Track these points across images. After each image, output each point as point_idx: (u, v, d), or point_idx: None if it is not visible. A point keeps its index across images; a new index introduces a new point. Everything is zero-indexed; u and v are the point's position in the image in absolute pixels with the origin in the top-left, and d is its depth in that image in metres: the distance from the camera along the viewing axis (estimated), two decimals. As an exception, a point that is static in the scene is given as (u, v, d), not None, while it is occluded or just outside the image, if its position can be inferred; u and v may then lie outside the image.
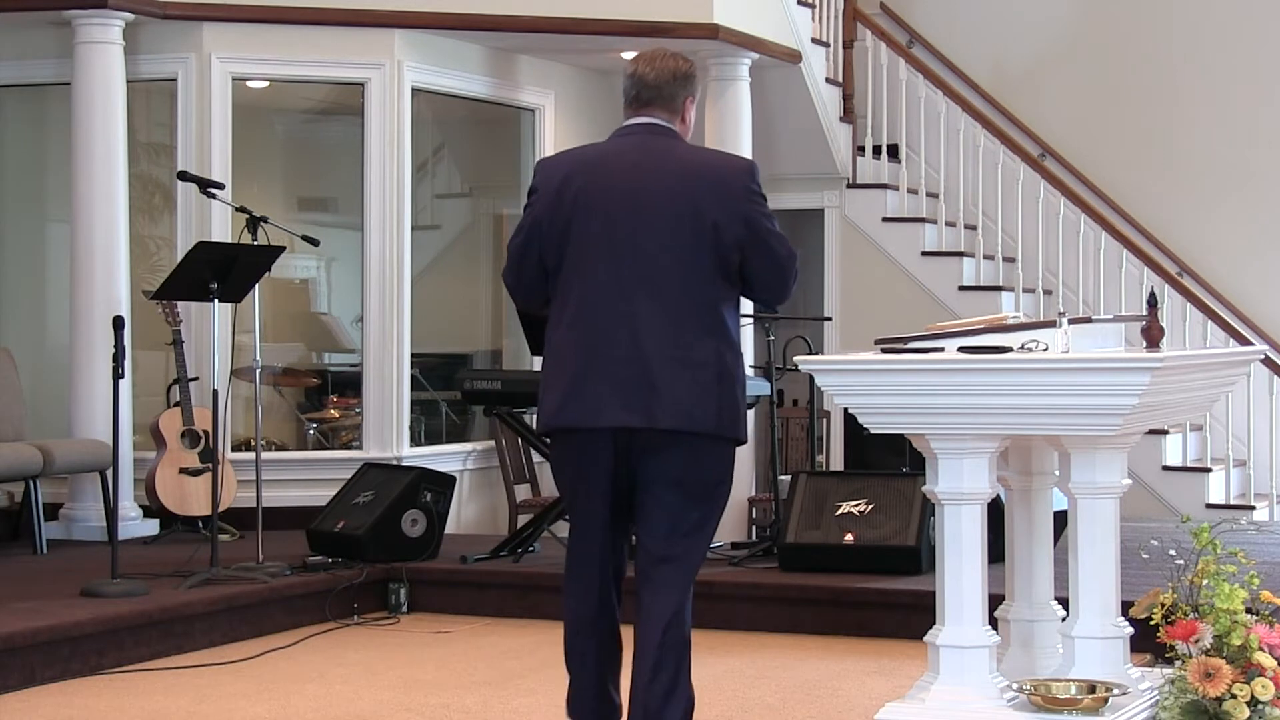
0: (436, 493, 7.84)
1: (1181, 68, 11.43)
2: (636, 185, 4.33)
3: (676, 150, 4.41)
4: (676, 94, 4.48)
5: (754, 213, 4.32)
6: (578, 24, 9.60)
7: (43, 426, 8.97)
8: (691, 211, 4.29)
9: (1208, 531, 4.65)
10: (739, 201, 4.32)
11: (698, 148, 4.52)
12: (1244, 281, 11.20)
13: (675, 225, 4.29)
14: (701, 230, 4.29)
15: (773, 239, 4.34)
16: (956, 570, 4.55)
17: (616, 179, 4.35)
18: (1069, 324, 4.52)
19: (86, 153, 8.63)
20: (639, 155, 4.38)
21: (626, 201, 4.32)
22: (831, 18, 11.59)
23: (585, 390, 4.30)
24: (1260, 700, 4.44)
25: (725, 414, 4.32)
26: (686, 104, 4.50)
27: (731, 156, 4.59)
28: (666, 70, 4.47)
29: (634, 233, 4.30)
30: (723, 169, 4.39)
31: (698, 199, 4.30)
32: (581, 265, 4.34)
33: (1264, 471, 10.51)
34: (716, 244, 4.30)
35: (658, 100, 4.45)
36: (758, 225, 4.32)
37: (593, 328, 4.32)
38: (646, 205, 4.31)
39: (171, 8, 8.91)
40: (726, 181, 4.34)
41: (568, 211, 4.35)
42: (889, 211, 11.40)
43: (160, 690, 5.91)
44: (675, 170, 4.35)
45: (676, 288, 4.29)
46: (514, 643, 6.84)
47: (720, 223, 4.29)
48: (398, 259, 9.42)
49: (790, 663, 6.33)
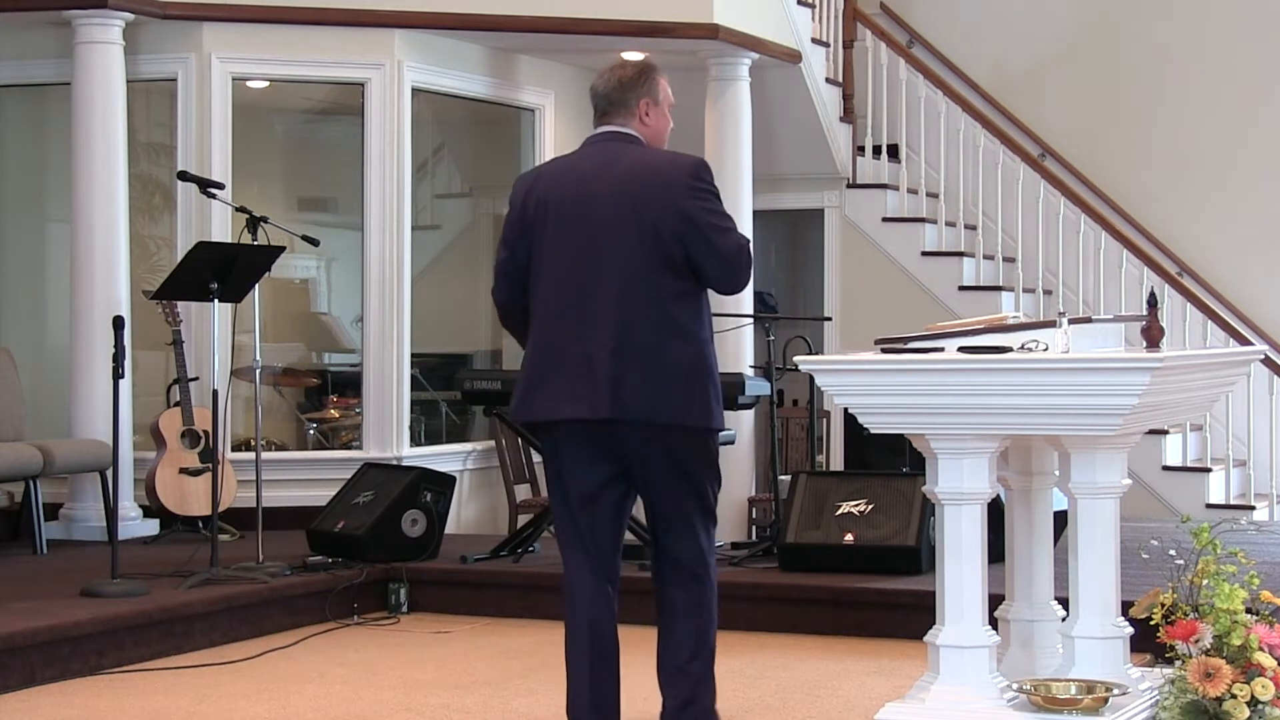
0: (436, 493, 7.84)
1: (1181, 68, 11.43)
2: (587, 191, 4.61)
3: (627, 154, 4.66)
4: (628, 99, 4.72)
5: (694, 208, 4.53)
6: (578, 24, 9.60)
7: (43, 426, 8.97)
8: (634, 211, 4.55)
9: (1208, 531, 4.65)
10: (678, 197, 4.54)
11: (649, 150, 4.71)
12: (1244, 281, 11.20)
13: (620, 226, 4.55)
14: (644, 228, 4.53)
15: (713, 233, 4.54)
16: (956, 570, 4.55)
17: (569, 188, 4.65)
18: (1069, 324, 4.52)
19: (86, 153, 8.63)
20: (592, 164, 4.68)
21: (578, 207, 4.60)
22: (831, 18, 11.59)
23: (544, 385, 4.63)
24: (1260, 700, 4.44)
25: (675, 402, 4.53)
26: (642, 105, 4.72)
27: (678, 156, 4.71)
28: (614, 79, 4.74)
29: (585, 236, 4.58)
30: (664, 167, 4.61)
31: (639, 198, 4.56)
32: (543, 271, 4.65)
33: (1264, 471, 10.51)
34: (657, 239, 4.53)
35: (611, 109, 4.74)
36: (697, 219, 4.53)
37: (551, 327, 4.64)
38: (595, 209, 4.58)
39: (171, 8, 8.91)
40: (667, 179, 4.56)
41: (530, 223, 4.67)
42: (889, 211, 11.40)
43: (160, 690, 5.91)
44: (621, 174, 4.60)
45: (625, 284, 4.54)
46: (514, 643, 6.84)
47: (660, 219, 4.53)
48: (398, 259, 9.42)
49: (790, 663, 6.33)
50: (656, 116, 4.75)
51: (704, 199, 4.57)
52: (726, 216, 4.61)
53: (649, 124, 4.74)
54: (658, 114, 4.76)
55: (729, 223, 4.60)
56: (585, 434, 4.60)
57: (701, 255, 4.55)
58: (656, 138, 4.75)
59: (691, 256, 4.55)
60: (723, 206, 4.63)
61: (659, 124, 4.76)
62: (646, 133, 4.73)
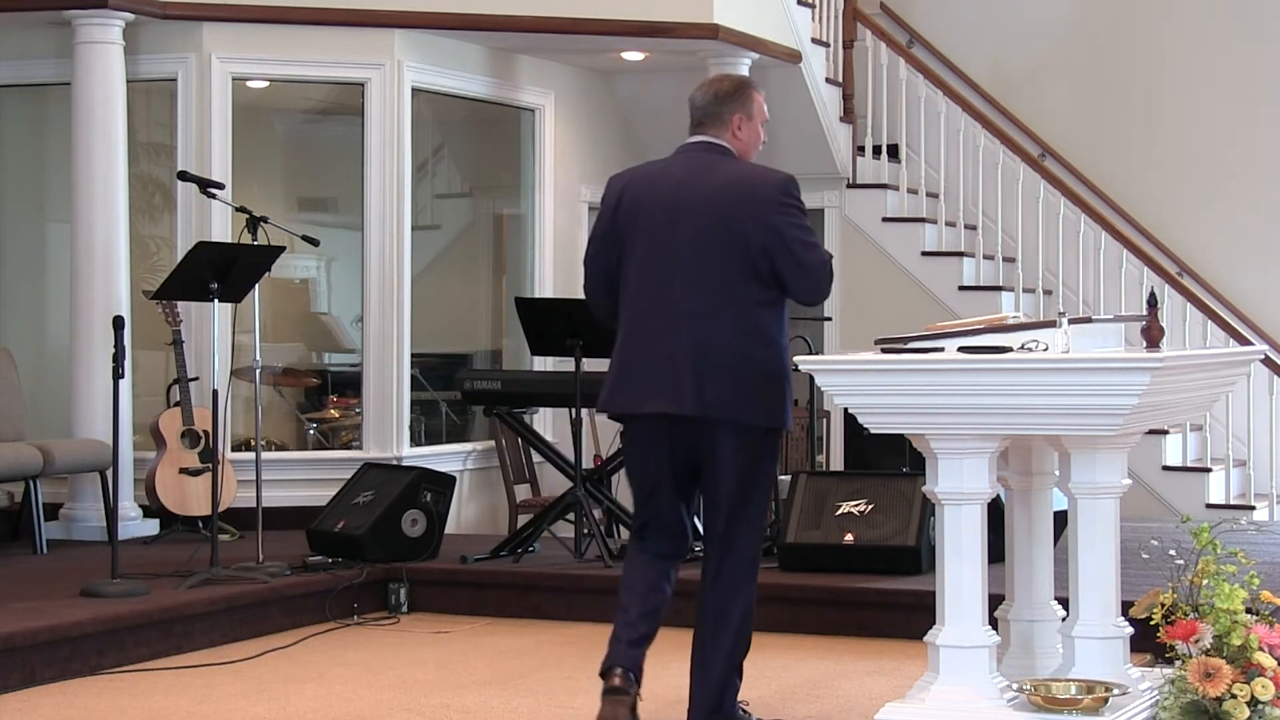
0: (436, 493, 7.84)
1: (1181, 68, 11.43)
2: (680, 199, 4.86)
3: (720, 166, 4.91)
4: (722, 112, 4.99)
5: (782, 223, 4.78)
6: (578, 24, 9.60)
7: (43, 426, 8.96)
8: (723, 221, 4.80)
9: (1208, 531, 4.65)
10: (768, 212, 4.79)
11: (741, 163, 4.97)
12: (1244, 281, 11.20)
13: (710, 235, 4.80)
14: (732, 238, 4.78)
15: (798, 247, 4.78)
16: (956, 570, 4.55)
17: (663, 194, 4.90)
18: (1069, 324, 4.53)
19: (86, 153, 8.63)
20: (684, 172, 4.92)
21: (670, 213, 4.86)
22: (831, 18, 11.58)
23: (630, 381, 4.91)
24: (1260, 700, 4.44)
25: (754, 403, 4.76)
26: (735, 119, 5.00)
27: (769, 171, 4.97)
28: (710, 92, 5.03)
29: (674, 242, 4.84)
30: (755, 182, 4.87)
31: (730, 210, 4.81)
32: (632, 271, 4.92)
33: (1264, 471, 10.51)
34: (746, 250, 4.77)
35: (706, 120, 4.99)
36: (784, 234, 4.78)
37: (639, 326, 4.91)
38: (685, 217, 4.83)
39: (171, 8, 8.91)
40: (757, 193, 4.82)
41: (621, 224, 4.96)
42: (889, 211, 11.39)
43: (160, 690, 5.91)
44: (714, 184, 4.86)
45: (712, 290, 4.79)
46: (514, 643, 6.84)
47: (749, 230, 4.78)
48: (398, 259, 9.42)
49: (790, 663, 6.33)
50: (749, 131, 5.02)
51: (791, 214, 4.81)
52: (811, 232, 4.86)
53: (740, 137, 5.00)
54: (750, 128, 5.02)
55: (814, 238, 4.86)
56: (666, 428, 4.86)
57: (787, 268, 4.78)
58: (747, 150, 5.02)
59: (777, 268, 4.79)
60: (808, 222, 4.87)
61: (750, 137, 5.02)
62: (738, 145, 4.99)
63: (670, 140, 5.06)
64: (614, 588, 7.32)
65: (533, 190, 10.62)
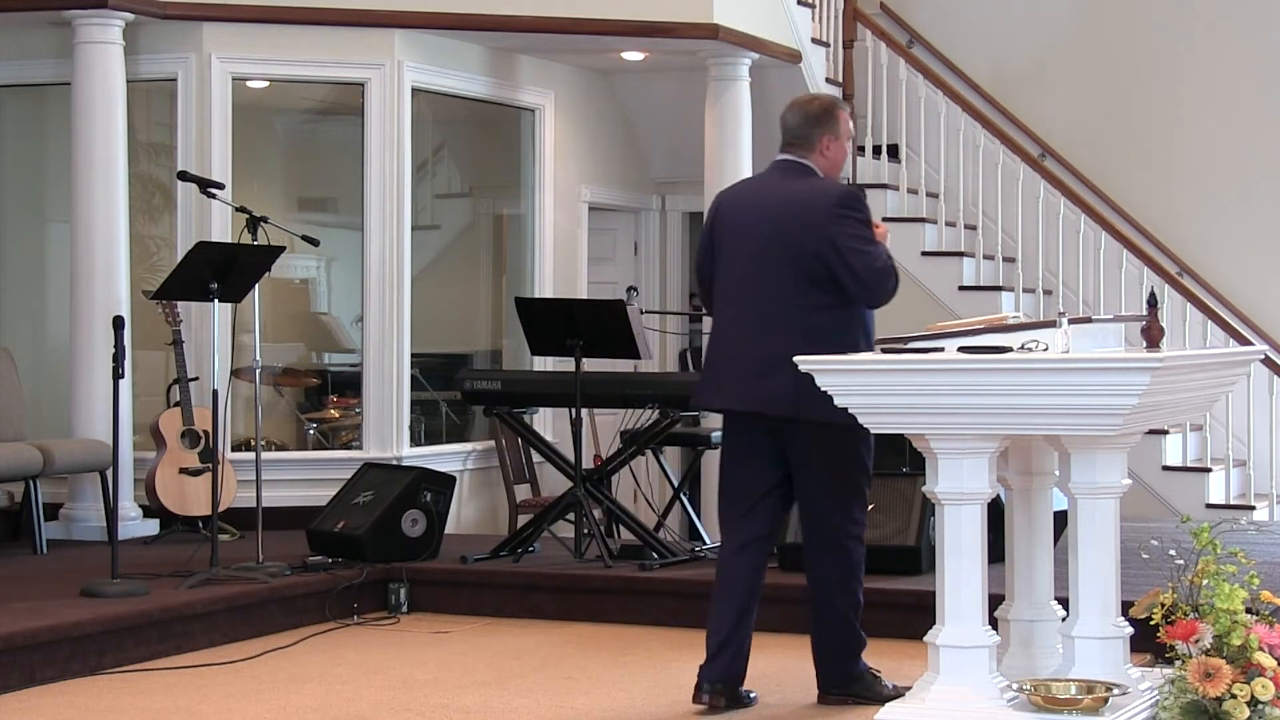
0: (436, 493, 7.84)
1: (1181, 68, 11.43)
2: (754, 214, 5.36)
3: (792, 182, 5.35)
4: (810, 134, 5.39)
5: (836, 232, 5.19)
6: (578, 24, 9.60)
7: (43, 426, 8.96)
8: (786, 232, 5.24)
9: (1208, 531, 4.65)
10: (824, 223, 5.20)
11: (810, 179, 5.36)
12: (1244, 281, 11.20)
13: (775, 246, 5.26)
14: (793, 248, 5.23)
15: (851, 255, 5.18)
16: (956, 570, 4.55)
17: (742, 209, 5.42)
18: (1069, 324, 4.53)
19: (86, 153, 8.63)
20: (761, 189, 5.46)
21: (745, 227, 5.36)
22: (831, 18, 11.59)
23: (712, 380, 5.47)
24: (1260, 700, 4.44)
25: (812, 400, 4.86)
26: (823, 141, 5.39)
27: (831, 185, 5.36)
28: (800, 114, 5.43)
29: (747, 253, 5.33)
30: (816, 196, 5.27)
31: (791, 221, 5.25)
32: (719, 279, 5.48)
33: (1264, 471, 10.50)
34: (805, 259, 5.21)
35: (795, 140, 5.41)
36: (838, 243, 5.19)
37: (721, 329, 5.47)
38: (756, 230, 5.32)
39: (171, 8, 8.91)
40: (816, 206, 5.23)
41: (714, 236, 5.50)
42: (889, 211, 11.38)
43: (160, 690, 5.91)
44: (782, 199, 5.31)
45: (774, 297, 5.26)
46: (514, 643, 6.84)
47: (806, 241, 5.21)
48: (398, 259, 9.42)
49: (790, 663, 6.32)
50: (836, 150, 5.40)
51: (846, 224, 5.20)
52: (868, 240, 5.22)
53: (827, 156, 5.39)
54: (837, 147, 5.41)
55: (869, 245, 5.21)
56: (746, 424, 5.37)
57: (843, 275, 5.20)
58: (832, 168, 5.41)
59: (835, 275, 5.20)
60: (867, 230, 5.23)
61: (837, 156, 5.42)
62: (824, 164, 5.39)
63: (670, 140, 5.16)
64: (614, 588, 7.38)
65: (533, 190, 10.63)
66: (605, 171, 11.28)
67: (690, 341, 11.63)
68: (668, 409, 7.85)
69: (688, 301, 11.91)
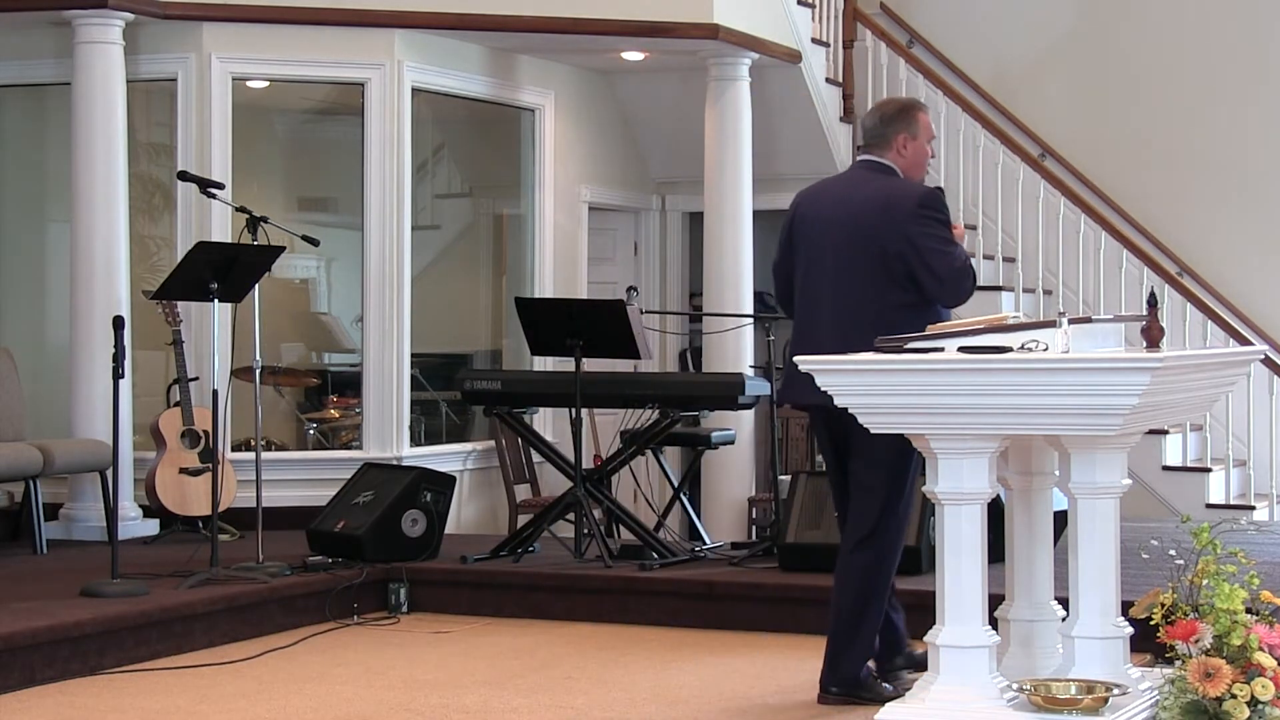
0: (436, 493, 7.84)
1: (1181, 67, 11.43)
2: (833, 213, 5.44)
3: (871, 182, 5.43)
4: (887, 133, 5.48)
5: (915, 232, 5.27)
6: (578, 24, 9.60)
7: (43, 426, 8.96)
8: (865, 232, 5.32)
9: (1208, 531, 4.65)
10: (903, 222, 5.27)
11: (890, 179, 5.44)
12: (1244, 281, 11.20)
13: (852, 244, 5.34)
14: (872, 247, 5.30)
15: (929, 255, 5.25)
16: (956, 570, 4.55)
17: (823, 208, 5.50)
18: (1069, 324, 4.53)
19: (86, 153, 8.63)
20: (843, 187, 5.55)
21: (823, 226, 5.44)
22: (831, 18, 11.58)
23: (793, 375, 5.29)
24: (1260, 700, 4.44)
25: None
26: (900, 139, 5.47)
27: (911, 186, 5.42)
28: (878, 114, 5.55)
29: (825, 251, 5.42)
30: (895, 196, 5.35)
31: (870, 221, 5.32)
32: (798, 277, 5.55)
33: (1264, 471, 10.50)
34: (883, 258, 5.29)
35: (872, 140, 5.52)
36: (917, 242, 5.27)
37: (800, 325, 5.53)
38: (835, 229, 5.40)
39: (171, 8, 8.91)
40: (895, 206, 5.31)
41: (793, 235, 5.57)
42: (889, 211, 11.37)
43: (160, 690, 5.91)
44: (861, 199, 5.39)
45: (851, 295, 5.35)
46: (514, 643, 6.84)
47: (886, 240, 5.29)
48: (398, 259, 9.42)
49: (790, 663, 6.33)
50: (914, 149, 5.47)
51: (925, 224, 5.27)
52: (948, 240, 5.30)
53: (905, 155, 5.47)
54: (915, 147, 5.47)
55: (949, 246, 5.29)
56: (825, 420, 5.44)
57: (921, 274, 5.27)
58: (911, 167, 5.48)
59: (913, 273, 5.28)
60: (946, 231, 5.31)
61: (916, 155, 5.48)
62: (901, 162, 5.46)
63: (670, 140, 5.15)
64: (614, 588, 7.39)
65: (533, 190, 10.62)
66: (605, 171, 11.28)
67: (690, 341, 11.63)
68: (668, 409, 7.85)
69: (688, 301, 11.91)
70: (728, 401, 8.00)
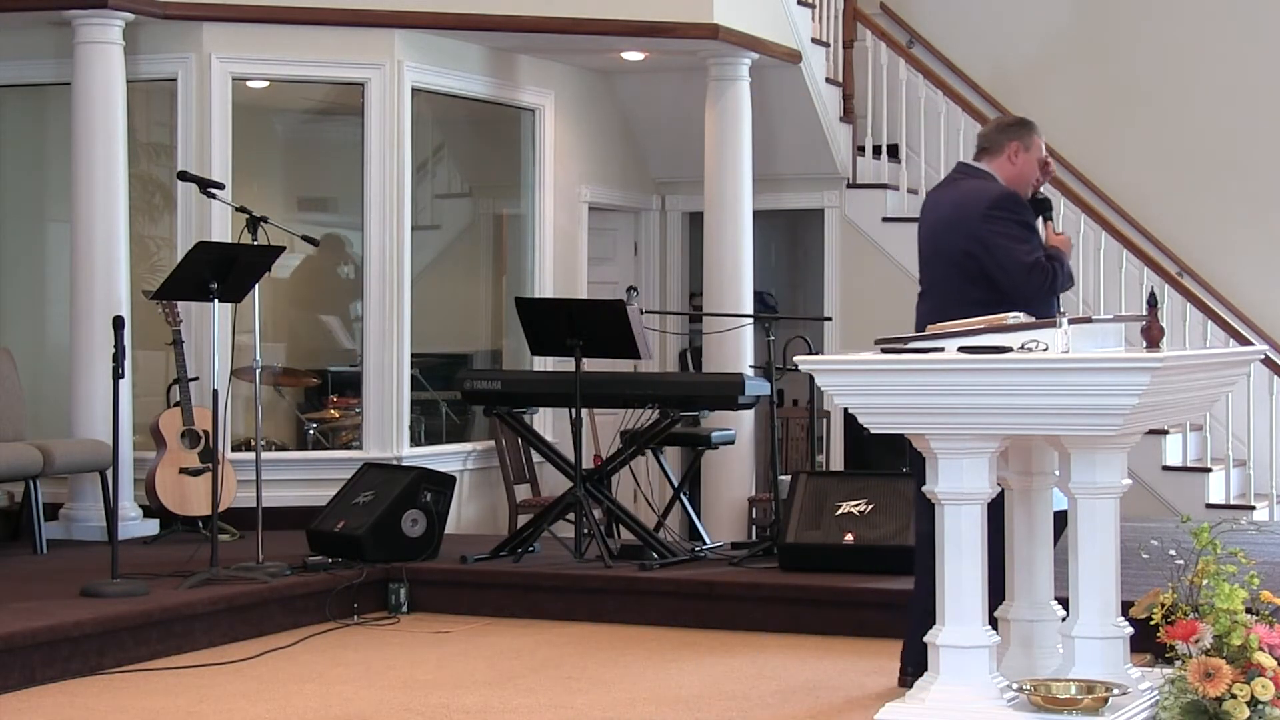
0: (436, 493, 7.84)
1: (1182, 67, 11.43)
2: (929, 215, 5.74)
3: (960, 185, 5.65)
4: (1000, 139, 5.65)
5: (986, 231, 5.45)
6: (578, 24, 9.60)
7: (43, 426, 8.96)
8: (946, 231, 5.57)
9: (1208, 531, 4.65)
10: (977, 222, 5.47)
11: (976, 183, 5.61)
12: (1244, 281, 11.20)
13: (938, 243, 5.62)
14: (951, 246, 5.53)
15: (1000, 252, 5.43)
16: (956, 570, 4.55)
17: (924, 209, 5.82)
18: (1069, 324, 4.53)
19: (86, 153, 8.63)
20: (937, 190, 5.80)
21: (923, 227, 5.75)
22: (831, 18, 11.58)
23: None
24: (1260, 700, 4.44)
25: None
26: (1012, 147, 5.62)
27: (989, 188, 5.56)
28: (996, 122, 5.94)
29: (923, 252, 5.73)
30: (967, 198, 5.56)
31: (951, 221, 5.56)
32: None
33: (1264, 471, 10.51)
34: (960, 256, 5.50)
35: (986, 146, 5.70)
36: (987, 241, 5.45)
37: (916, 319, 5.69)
38: (926, 228, 5.71)
39: (171, 8, 8.91)
40: (970, 206, 5.51)
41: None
42: (889, 211, 11.39)
43: (160, 690, 5.91)
44: (946, 201, 5.66)
45: (936, 291, 5.61)
46: (514, 643, 6.84)
47: (961, 239, 5.50)
48: (398, 259, 9.42)
49: (790, 663, 6.33)
50: (1024, 161, 5.61)
51: (997, 224, 5.44)
52: (1018, 239, 5.44)
53: (1015, 164, 5.61)
54: (1025, 159, 5.61)
55: (1019, 245, 5.44)
56: None
57: (992, 271, 5.44)
58: (1017, 178, 5.60)
59: (987, 272, 5.45)
60: (1017, 229, 5.46)
61: (1024, 168, 5.62)
62: (1009, 171, 5.61)
63: (670, 140, 5.11)
64: (614, 588, 7.39)
65: (533, 190, 10.62)
66: (605, 171, 11.28)
67: (690, 341, 11.63)
68: (668, 409, 7.85)
69: (688, 301, 11.91)
70: (728, 401, 8.00)
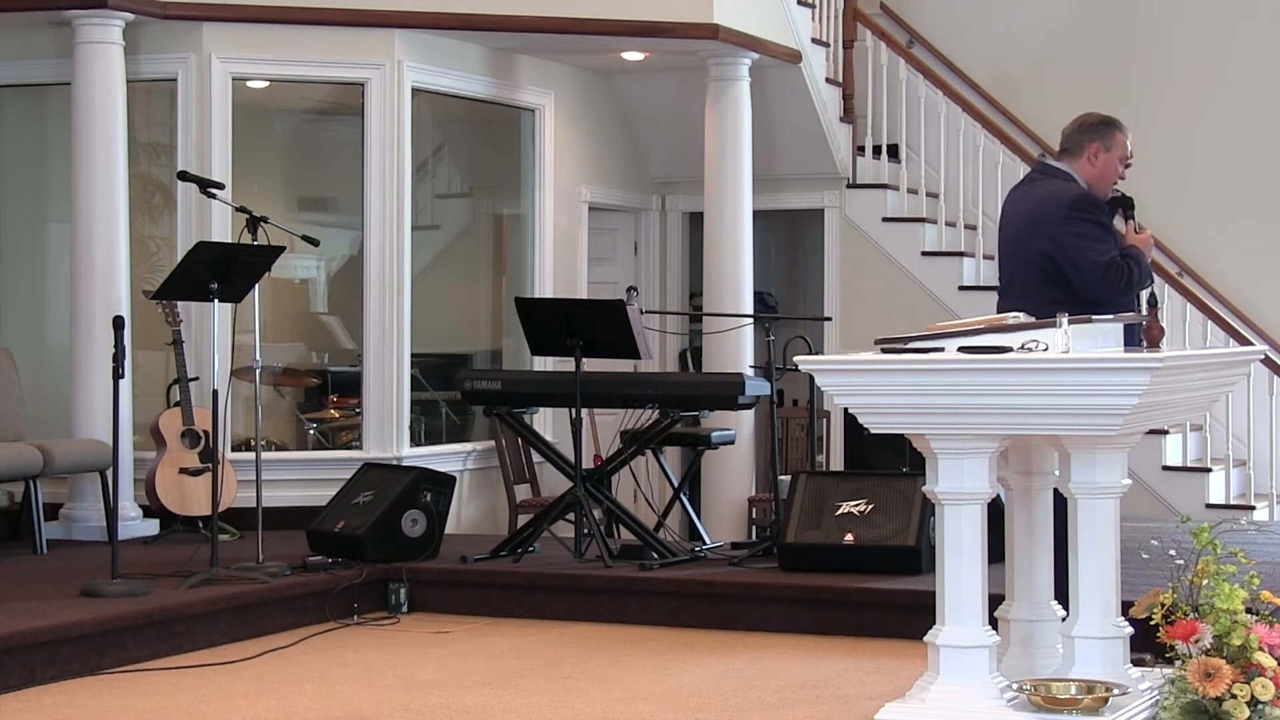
0: (436, 493, 7.84)
1: (1181, 67, 11.43)
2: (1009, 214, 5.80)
3: (1040, 185, 5.72)
4: (1082, 140, 5.70)
5: (1062, 232, 5.52)
6: (578, 24, 9.60)
7: (43, 426, 8.96)
8: (1024, 232, 5.63)
9: (1208, 531, 4.65)
10: (1053, 223, 5.53)
11: (1054, 184, 5.65)
12: (1244, 281, 11.20)
13: (1016, 243, 5.68)
14: (1029, 246, 5.59)
15: (1074, 252, 5.48)
16: (956, 570, 4.55)
17: (1005, 209, 5.85)
18: (1069, 324, 4.53)
19: (86, 153, 8.63)
20: (1017, 190, 5.85)
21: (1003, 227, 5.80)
22: (831, 18, 11.58)
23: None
24: (1260, 700, 4.45)
25: None
26: (1093, 147, 5.67)
27: (1066, 188, 5.62)
28: (1078, 122, 5.78)
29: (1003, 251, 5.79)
30: (1047, 199, 5.61)
31: (1029, 222, 5.62)
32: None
33: (1264, 471, 10.50)
34: (1037, 256, 5.55)
35: (1067, 146, 5.74)
36: (1063, 243, 5.51)
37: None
38: (1009, 230, 5.76)
39: (171, 8, 8.91)
40: (1049, 207, 5.57)
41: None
42: (889, 211, 11.39)
43: (160, 690, 5.91)
44: (1027, 200, 5.72)
45: (1014, 290, 5.64)
46: (514, 643, 6.84)
47: (1039, 240, 5.56)
48: (398, 259, 9.42)
49: (790, 663, 6.33)
50: (1104, 162, 5.67)
51: (1073, 225, 5.50)
52: (1094, 239, 5.49)
53: (1094, 165, 5.67)
54: (1106, 160, 5.67)
55: (1094, 245, 5.49)
56: None
57: (1068, 271, 5.50)
58: (1098, 179, 5.67)
59: (1062, 272, 5.50)
60: (1093, 229, 5.51)
61: (1105, 169, 5.67)
62: (1089, 172, 5.67)
63: (670, 140, 5.10)
64: (614, 588, 7.38)
65: (533, 190, 10.63)
66: (605, 171, 11.28)
67: (690, 341, 11.63)
68: (668, 409, 7.85)
69: (688, 301, 11.91)
70: (728, 401, 8.00)
